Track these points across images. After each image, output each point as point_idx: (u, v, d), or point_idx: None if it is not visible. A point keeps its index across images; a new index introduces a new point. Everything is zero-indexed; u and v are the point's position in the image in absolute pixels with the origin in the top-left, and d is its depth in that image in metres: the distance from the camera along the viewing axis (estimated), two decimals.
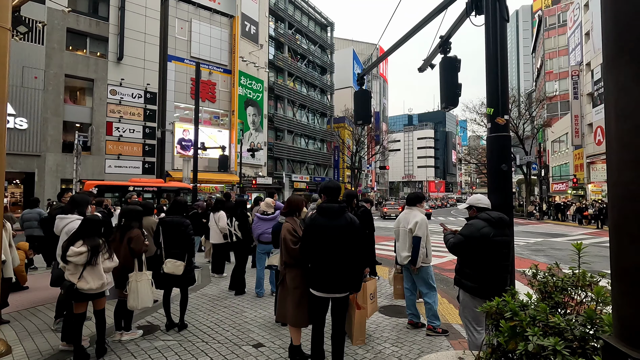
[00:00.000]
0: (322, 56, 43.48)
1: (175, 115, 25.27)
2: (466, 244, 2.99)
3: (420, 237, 4.10)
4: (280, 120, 34.85)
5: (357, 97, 6.55)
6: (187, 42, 26.15)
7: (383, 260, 9.01)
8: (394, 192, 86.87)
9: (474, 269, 2.98)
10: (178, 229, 4.24)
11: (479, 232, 2.93)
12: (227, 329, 4.30)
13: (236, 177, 25.52)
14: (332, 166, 43.24)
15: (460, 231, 3.12)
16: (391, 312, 5.02)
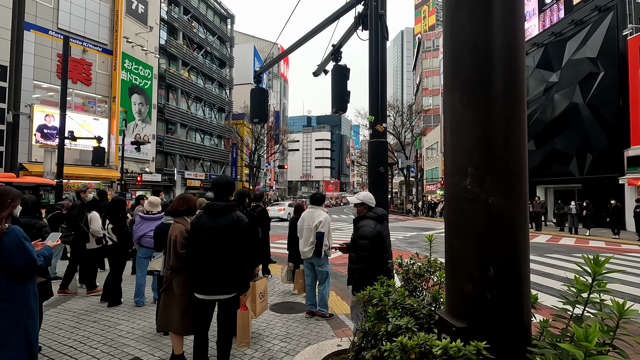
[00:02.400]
0: (222, 49, 41.64)
1: (34, 97, 20.91)
2: (372, 244, 3.14)
3: (324, 232, 4.55)
4: (172, 112, 32.04)
5: (253, 95, 6.48)
6: (54, 10, 21.93)
7: (277, 258, 9.12)
8: (292, 191, 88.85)
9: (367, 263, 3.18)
10: (29, 232, 3.51)
11: (375, 230, 3.16)
12: (96, 346, 3.75)
13: (117, 172, 22.50)
14: (229, 164, 41.80)
15: (361, 234, 3.23)
16: (282, 309, 5.11)
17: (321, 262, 4.74)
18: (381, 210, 3.23)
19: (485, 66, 1.13)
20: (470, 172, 1.11)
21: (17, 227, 2.54)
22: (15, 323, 2.40)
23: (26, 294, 2.52)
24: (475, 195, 1.10)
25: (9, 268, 2.39)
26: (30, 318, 2.53)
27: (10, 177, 15.03)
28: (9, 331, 2.38)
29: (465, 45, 1.17)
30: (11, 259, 2.37)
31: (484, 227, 1.09)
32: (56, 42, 21.30)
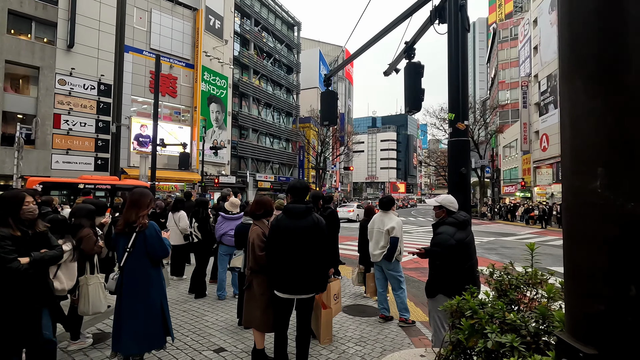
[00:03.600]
0: (289, 55, 43.28)
1: (132, 110, 23.96)
2: (446, 254, 2.94)
3: (399, 237, 4.47)
4: (244, 118, 34.19)
5: (323, 98, 6.58)
6: (147, 32, 24.90)
7: (346, 260, 9.12)
8: (357, 193, 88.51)
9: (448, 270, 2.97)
10: None
11: (453, 238, 2.93)
12: (187, 334, 4.12)
13: (198, 175, 24.67)
14: (297, 166, 43.17)
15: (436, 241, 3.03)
16: (354, 311, 5.08)
17: (391, 266, 4.63)
18: (463, 215, 3.01)
19: (617, 47, 0.97)
20: (600, 174, 0.96)
21: (154, 222, 3.07)
22: (154, 301, 2.96)
23: (161, 278, 3.08)
24: (608, 200, 0.95)
25: (151, 256, 2.99)
26: (164, 298, 3.15)
27: (114, 180, 17.37)
28: (150, 308, 2.96)
29: (589, 24, 1.02)
30: (152, 248, 2.97)
31: (621, 237, 0.93)
32: (148, 61, 24.14)
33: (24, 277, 2.62)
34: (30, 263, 2.62)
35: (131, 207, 3.10)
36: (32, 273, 2.65)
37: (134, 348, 3.02)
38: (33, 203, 2.76)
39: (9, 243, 2.58)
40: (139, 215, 3.08)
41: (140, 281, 3.04)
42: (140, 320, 2.99)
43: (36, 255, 2.67)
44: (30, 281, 2.68)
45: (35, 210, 2.79)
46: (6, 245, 2.57)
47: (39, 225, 2.83)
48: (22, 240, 2.68)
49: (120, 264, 3.07)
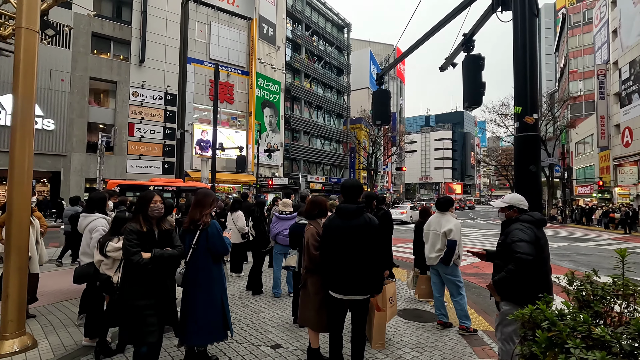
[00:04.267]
0: (339, 57, 43.44)
1: (194, 117, 25.73)
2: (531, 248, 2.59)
3: (456, 241, 4.26)
4: (296, 121, 34.98)
5: (375, 97, 6.48)
6: (206, 44, 26.59)
7: (400, 263, 8.87)
8: (410, 194, 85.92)
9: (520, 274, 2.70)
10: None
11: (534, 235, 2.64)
12: (245, 329, 4.29)
13: (253, 177, 25.74)
14: (348, 167, 43.10)
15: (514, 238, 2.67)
16: (410, 315, 4.91)
17: (449, 270, 4.40)
18: (539, 214, 2.75)
19: None
20: None
21: (215, 221, 3.29)
22: (215, 296, 3.16)
23: (222, 274, 3.29)
24: None
25: (212, 252, 3.18)
26: (224, 293, 3.33)
27: (179, 182, 18.76)
28: (211, 302, 3.16)
29: None
30: (213, 245, 3.16)
31: None
32: (208, 71, 25.75)
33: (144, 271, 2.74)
34: (151, 259, 2.74)
35: (196, 206, 3.32)
36: (151, 269, 2.76)
37: (197, 339, 3.21)
38: (160, 202, 2.93)
39: (135, 237, 2.76)
40: (203, 214, 3.28)
41: (203, 276, 3.24)
42: (202, 313, 3.18)
43: (157, 252, 2.79)
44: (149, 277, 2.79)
45: (162, 210, 2.95)
46: (132, 238, 2.75)
47: (165, 224, 2.99)
48: (148, 237, 2.84)
49: (186, 260, 3.29)
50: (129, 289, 2.79)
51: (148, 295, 2.78)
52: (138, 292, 2.77)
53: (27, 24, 3.71)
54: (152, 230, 2.88)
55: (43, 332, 4.11)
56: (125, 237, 2.77)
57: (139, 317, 2.74)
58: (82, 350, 3.65)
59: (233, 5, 27.96)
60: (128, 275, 2.81)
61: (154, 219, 2.91)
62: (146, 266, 2.72)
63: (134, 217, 2.91)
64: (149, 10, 22.88)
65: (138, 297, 2.76)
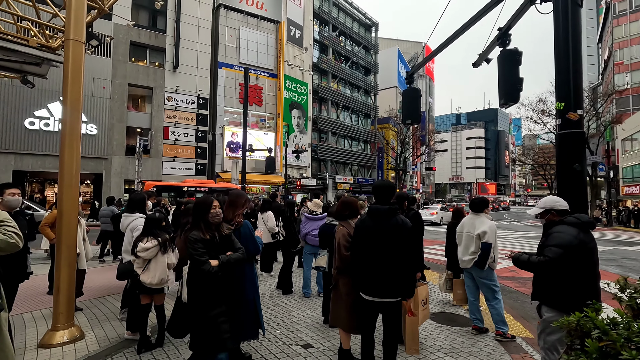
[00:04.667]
0: (366, 57, 43.13)
1: (224, 119, 26.44)
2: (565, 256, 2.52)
3: (491, 243, 4.10)
4: (324, 122, 35.08)
5: (405, 96, 6.37)
6: (236, 48, 27.26)
7: (431, 265, 8.67)
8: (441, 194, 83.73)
9: (566, 281, 2.55)
10: None
11: (577, 239, 2.51)
12: (276, 328, 4.35)
13: (281, 178, 26.07)
14: (376, 167, 42.68)
15: (553, 242, 2.61)
16: (443, 319, 4.79)
17: (483, 274, 4.23)
18: (586, 217, 2.59)
19: None
20: None
21: (247, 221, 3.37)
22: (248, 294, 3.24)
23: (254, 273, 3.36)
24: None
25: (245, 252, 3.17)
26: (257, 292, 3.38)
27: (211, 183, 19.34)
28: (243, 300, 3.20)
29: None
30: (246, 244, 3.19)
31: None
32: (238, 74, 26.38)
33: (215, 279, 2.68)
34: (219, 266, 2.70)
35: (229, 206, 3.40)
36: (222, 275, 2.71)
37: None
38: (219, 207, 2.96)
39: (201, 246, 2.69)
40: (235, 214, 3.36)
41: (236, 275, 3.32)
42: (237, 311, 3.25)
43: (223, 258, 2.76)
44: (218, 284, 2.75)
45: (221, 215, 2.96)
46: (199, 247, 2.67)
47: (224, 228, 2.95)
48: (211, 243, 2.79)
49: None
50: (200, 299, 2.74)
51: (219, 302, 2.76)
52: (210, 301, 2.73)
53: (75, 35, 3.96)
54: (214, 237, 2.83)
55: (89, 324, 4.37)
56: (190, 247, 2.69)
57: (213, 325, 2.70)
58: (124, 343, 3.85)
59: (261, 9, 28.50)
60: (197, 285, 2.75)
61: (215, 224, 2.86)
62: (217, 274, 2.68)
63: (193, 224, 2.80)
64: (182, 18, 23.78)
65: (211, 306, 2.72)
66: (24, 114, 18.61)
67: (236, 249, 2.91)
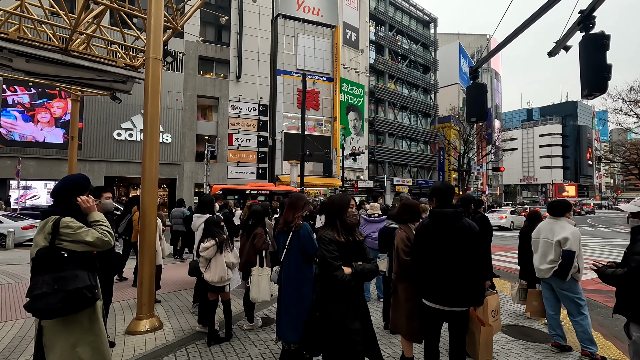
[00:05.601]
0: (425, 54, 41.62)
1: (283, 125, 27.37)
2: None
3: (574, 251, 3.68)
4: (381, 123, 34.56)
5: (470, 92, 6.01)
6: (294, 55, 28.11)
7: (500, 273, 8.03)
8: (510, 197, 77.35)
9: None
10: None
11: None
12: None
13: (338, 180, 26.19)
14: (436, 169, 40.85)
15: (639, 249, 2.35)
16: (515, 333, 4.39)
17: (565, 286, 3.78)
18: None
19: None
20: None
21: (307, 223, 3.44)
22: (307, 295, 3.27)
23: (313, 275, 3.40)
24: None
25: (303, 253, 3.26)
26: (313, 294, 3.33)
27: (271, 186, 20.13)
28: (303, 301, 3.26)
29: None
30: (304, 246, 3.25)
31: None
32: (296, 80, 27.16)
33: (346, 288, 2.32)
34: (353, 274, 2.37)
35: (289, 209, 3.50)
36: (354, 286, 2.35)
37: (291, 336, 3.35)
38: (355, 207, 2.81)
39: (335, 248, 2.38)
40: (295, 216, 3.43)
41: (295, 276, 3.38)
42: (295, 311, 3.31)
43: (357, 267, 2.41)
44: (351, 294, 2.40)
45: (357, 216, 2.80)
46: (333, 250, 2.36)
47: (357, 233, 2.62)
48: (345, 247, 2.46)
49: (281, 259, 3.49)
50: (333, 307, 2.39)
51: (354, 315, 2.43)
52: (346, 311, 2.41)
53: (154, 54, 4.40)
54: (349, 240, 2.51)
55: (166, 315, 4.79)
56: (323, 249, 2.39)
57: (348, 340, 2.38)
58: (196, 335, 4.15)
59: (318, 15, 29.04)
60: (329, 292, 2.41)
61: (351, 226, 2.56)
62: (349, 283, 2.35)
63: (328, 223, 2.51)
64: (244, 30, 25.18)
65: (347, 317, 2.40)
66: (112, 126, 21.16)
67: (368, 259, 2.56)
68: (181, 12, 6.15)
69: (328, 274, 2.31)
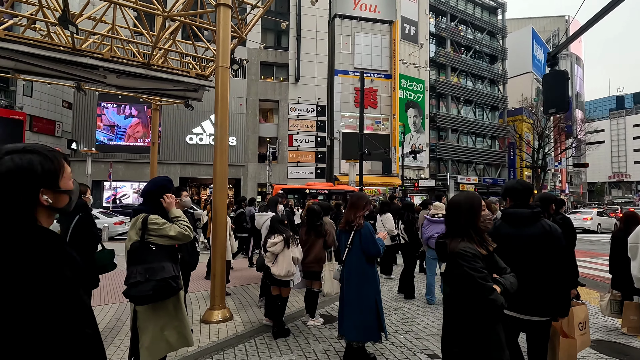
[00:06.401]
0: (492, 43, 38.71)
1: (341, 124, 27.47)
2: None
3: None
4: (443, 119, 32.96)
5: (547, 81, 5.45)
6: (351, 55, 28.04)
7: (586, 281, 7.18)
8: (595, 196, 68.63)
9: None
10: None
11: None
12: (400, 333, 4.27)
13: (398, 179, 25.56)
14: (506, 165, 37.78)
15: None
16: (609, 350, 3.90)
17: None
18: None
19: None
20: None
21: (368, 222, 3.46)
22: (369, 295, 3.29)
23: (375, 275, 3.41)
24: None
25: (365, 253, 3.29)
26: (378, 294, 3.39)
27: (330, 186, 20.33)
28: (365, 301, 3.27)
29: None
30: (366, 246, 3.26)
31: None
32: (353, 79, 27.08)
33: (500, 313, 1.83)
34: (502, 293, 1.84)
35: (350, 208, 3.52)
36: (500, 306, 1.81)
37: (353, 335, 3.37)
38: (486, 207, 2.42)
39: (482, 265, 1.84)
40: (357, 215, 3.45)
41: (357, 275, 3.39)
42: (356, 311, 3.32)
43: (505, 282, 1.91)
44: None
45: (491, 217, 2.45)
46: (480, 267, 1.81)
47: (489, 240, 2.06)
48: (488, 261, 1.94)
49: (343, 258, 3.52)
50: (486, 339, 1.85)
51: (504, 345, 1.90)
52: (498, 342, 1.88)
53: (223, 63, 4.72)
54: (489, 251, 2.00)
55: (235, 308, 5.10)
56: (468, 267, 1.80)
57: None
58: (263, 328, 4.35)
59: (375, 12, 28.61)
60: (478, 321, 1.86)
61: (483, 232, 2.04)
62: (503, 307, 1.82)
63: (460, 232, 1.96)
64: (302, 33, 25.75)
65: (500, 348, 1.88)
66: (185, 132, 23.10)
67: (500, 268, 2.07)
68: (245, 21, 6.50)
69: (482, 300, 1.78)
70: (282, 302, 4.19)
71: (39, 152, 1.04)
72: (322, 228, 4.44)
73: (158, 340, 2.40)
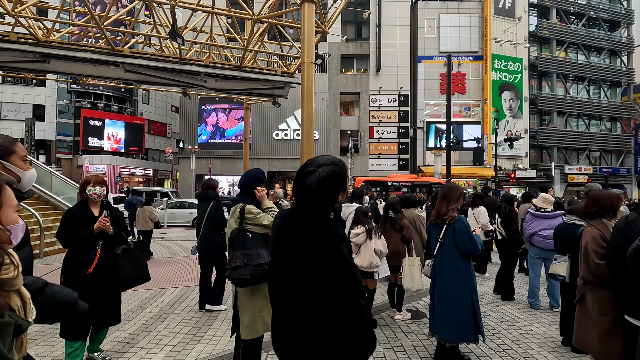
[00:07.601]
0: (612, 5, 32.45)
1: (425, 113, 26.12)
2: None
3: None
4: (546, 100, 28.90)
5: None
6: (435, 39, 26.35)
7: None
8: None
9: None
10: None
11: None
12: (498, 336, 3.91)
13: (490, 170, 23.34)
14: (632, 151, 31.55)
15: None
16: None
17: None
18: None
19: None
20: None
21: (462, 216, 3.26)
22: (463, 293, 3.10)
23: (471, 272, 3.20)
24: None
25: (460, 249, 3.11)
26: (474, 293, 3.17)
27: (413, 178, 19.59)
28: (459, 299, 3.09)
29: None
30: (461, 241, 3.08)
31: None
32: (438, 65, 25.44)
33: None
34: None
35: (442, 200, 3.31)
36: None
37: (445, 334, 3.18)
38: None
39: None
40: (449, 208, 3.23)
41: (449, 271, 3.18)
42: (449, 309, 3.12)
43: None
44: None
45: None
46: None
47: None
48: None
49: (434, 252, 3.34)
50: None
51: None
52: None
53: (308, 58, 4.85)
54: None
55: None
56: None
57: None
58: None
59: None
60: None
61: None
62: None
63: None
64: (383, 22, 25.05)
65: None
66: (272, 128, 24.57)
67: None
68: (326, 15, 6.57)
69: None
70: (370, 293, 4.18)
71: None
72: (397, 222, 4.29)
73: (256, 320, 2.60)
